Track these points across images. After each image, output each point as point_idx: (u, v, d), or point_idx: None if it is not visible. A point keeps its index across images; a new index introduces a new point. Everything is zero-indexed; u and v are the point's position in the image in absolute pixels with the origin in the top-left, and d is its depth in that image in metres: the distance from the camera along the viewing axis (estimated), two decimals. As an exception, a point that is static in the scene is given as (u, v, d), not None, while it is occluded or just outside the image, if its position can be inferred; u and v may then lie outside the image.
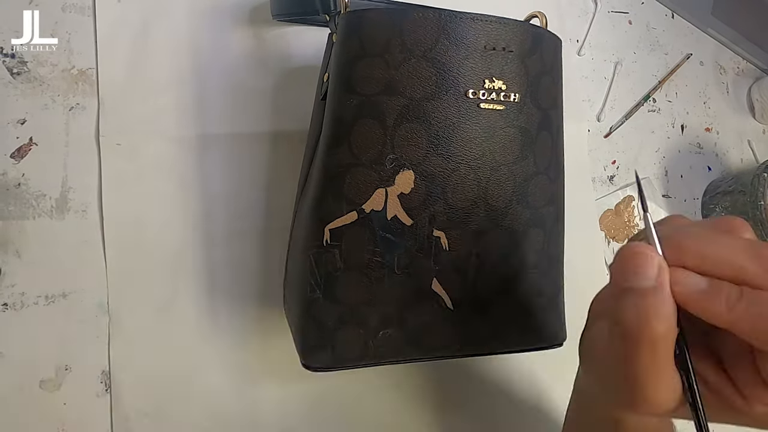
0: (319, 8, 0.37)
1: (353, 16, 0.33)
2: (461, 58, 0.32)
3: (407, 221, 0.33)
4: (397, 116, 0.32)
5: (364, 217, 0.32)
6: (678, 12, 0.68)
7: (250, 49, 0.45)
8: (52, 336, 0.38)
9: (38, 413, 0.37)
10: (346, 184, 0.32)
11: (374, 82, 0.32)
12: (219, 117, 0.43)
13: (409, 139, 0.32)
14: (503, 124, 0.33)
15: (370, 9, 0.33)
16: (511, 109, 0.33)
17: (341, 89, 0.33)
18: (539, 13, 0.38)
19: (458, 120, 0.32)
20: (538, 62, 0.34)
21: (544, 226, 0.37)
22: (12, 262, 0.37)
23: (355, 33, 0.32)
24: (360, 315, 0.33)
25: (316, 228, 0.33)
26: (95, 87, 0.41)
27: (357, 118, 0.32)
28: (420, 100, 0.31)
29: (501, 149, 0.33)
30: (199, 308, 0.41)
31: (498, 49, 0.32)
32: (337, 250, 0.33)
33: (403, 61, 0.31)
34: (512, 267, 0.35)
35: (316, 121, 0.37)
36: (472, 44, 0.32)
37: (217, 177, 0.43)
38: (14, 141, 0.39)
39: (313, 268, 0.33)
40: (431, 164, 0.32)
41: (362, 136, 0.32)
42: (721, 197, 0.63)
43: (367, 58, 0.32)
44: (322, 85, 0.37)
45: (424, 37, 0.31)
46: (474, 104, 0.32)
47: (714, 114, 0.69)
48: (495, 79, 0.32)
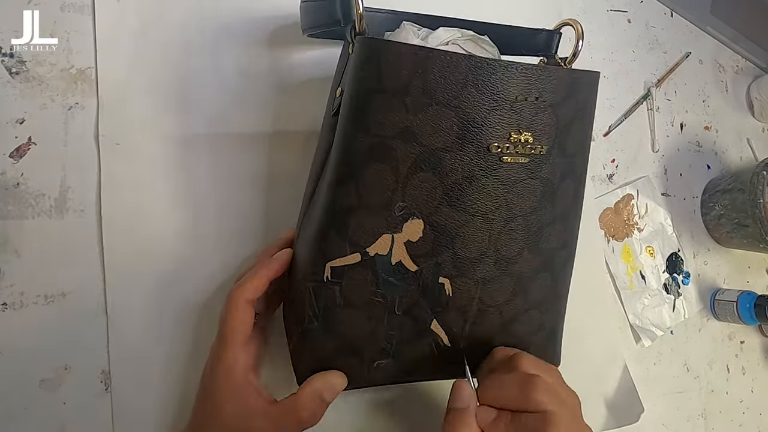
0: (340, 18, 0.33)
1: (373, 44, 0.29)
2: (488, 109, 0.28)
3: (412, 267, 0.31)
4: (412, 164, 0.29)
5: (367, 260, 0.31)
6: (677, 10, 0.68)
7: (250, 48, 0.45)
8: (52, 336, 0.38)
9: (38, 413, 0.36)
10: (351, 226, 0.30)
11: (390, 125, 0.29)
12: (219, 117, 0.43)
13: (422, 189, 0.29)
14: (525, 177, 0.30)
15: (392, 42, 0.30)
16: (536, 161, 0.30)
17: (353, 124, 0.30)
18: (573, 21, 0.34)
19: (477, 174, 0.29)
20: (572, 109, 0.31)
21: (553, 269, 0.35)
22: (11, 261, 0.37)
23: (374, 63, 0.29)
24: (356, 348, 0.33)
25: (317, 261, 0.32)
26: (94, 87, 0.41)
27: (368, 159, 0.29)
28: (438, 150, 0.29)
29: (519, 201, 0.31)
30: (199, 308, 0.41)
31: (530, 100, 0.29)
32: (337, 287, 0.32)
33: (424, 106, 0.28)
34: (515, 308, 0.34)
35: (325, 138, 0.34)
36: (501, 95, 0.28)
37: (217, 177, 0.43)
38: (13, 141, 0.39)
39: (312, 300, 0.32)
40: (443, 215, 0.30)
41: (372, 180, 0.30)
42: (720, 195, 0.63)
43: (385, 95, 0.29)
44: (334, 101, 0.34)
45: (450, 83, 0.28)
46: (496, 158, 0.29)
47: (713, 112, 0.69)
48: (522, 132, 0.29)
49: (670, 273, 0.61)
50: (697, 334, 0.62)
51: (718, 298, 0.63)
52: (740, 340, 0.65)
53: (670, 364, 0.59)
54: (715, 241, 0.66)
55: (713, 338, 0.63)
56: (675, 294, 0.61)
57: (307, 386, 0.33)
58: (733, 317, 0.61)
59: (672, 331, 0.60)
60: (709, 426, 0.60)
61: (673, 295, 0.60)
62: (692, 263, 0.63)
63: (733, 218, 0.61)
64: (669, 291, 0.60)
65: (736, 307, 0.60)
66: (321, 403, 0.33)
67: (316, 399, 0.32)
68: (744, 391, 0.64)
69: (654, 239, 0.61)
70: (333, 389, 0.33)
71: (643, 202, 0.61)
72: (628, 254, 0.58)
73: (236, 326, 0.33)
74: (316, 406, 0.32)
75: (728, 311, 0.61)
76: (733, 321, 0.62)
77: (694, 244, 0.64)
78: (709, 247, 0.65)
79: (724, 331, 0.64)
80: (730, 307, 0.61)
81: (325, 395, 0.33)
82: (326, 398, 0.33)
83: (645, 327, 0.57)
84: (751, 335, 0.65)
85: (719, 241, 0.65)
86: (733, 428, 0.62)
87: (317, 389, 0.33)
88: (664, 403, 0.57)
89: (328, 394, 0.33)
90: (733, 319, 0.61)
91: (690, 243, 0.64)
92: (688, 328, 0.61)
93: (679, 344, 0.60)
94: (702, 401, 0.60)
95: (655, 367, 0.57)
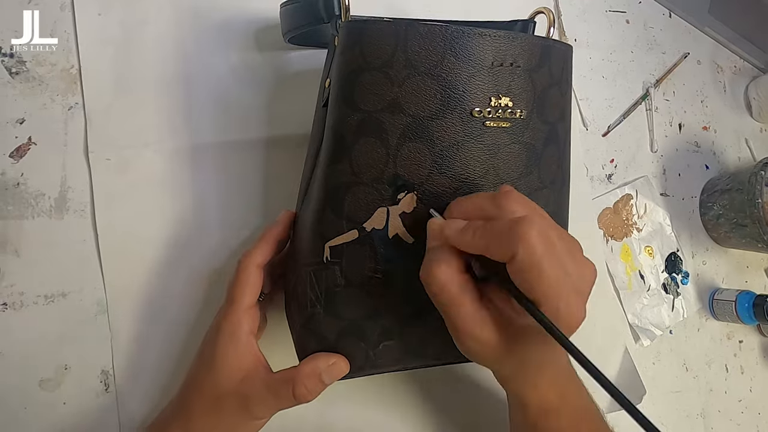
0: (324, 16, 0.35)
1: (355, 26, 0.31)
2: (468, 75, 0.30)
3: (409, 239, 0.32)
4: (400, 135, 0.30)
5: (365, 236, 0.32)
6: (675, 11, 0.68)
7: (239, 55, 0.45)
8: (52, 335, 0.38)
9: (38, 413, 0.36)
10: (346, 202, 0.31)
11: (376, 99, 0.30)
12: (209, 125, 0.43)
13: (412, 159, 0.31)
14: (508, 141, 0.32)
15: (372, 20, 0.32)
16: (517, 125, 0.32)
17: (342, 103, 0.32)
18: (545, 9, 0.37)
19: (463, 139, 0.31)
20: (546, 75, 0.33)
21: None
22: (11, 261, 0.37)
23: (356, 43, 0.31)
24: (360, 329, 0.33)
25: (316, 243, 0.33)
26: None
27: (358, 135, 0.31)
28: (424, 119, 0.30)
29: (505, 166, 0.32)
30: (199, 308, 0.41)
31: (505, 65, 0.31)
32: (337, 267, 0.32)
33: (406, 77, 0.30)
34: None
35: (317, 129, 0.36)
36: (479, 61, 0.30)
37: (209, 185, 0.42)
38: (13, 141, 0.39)
39: (313, 284, 0.33)
40: (434, 184, 0.31)
41: (364, 155, 0.31)
42: (719, 195, 0.63)
43: (369, 71, 0.31)
44: (324, 91, 0.35)
45: (430, 54, 0.30)
46: (479, 123, 0.31)
47: (711, 113, 0.69)
48: (501, 97, 0.31)
49: (669, 273, 0.61)
50: (695, 333, 0.62)
51: (716, 297, 0.63)
52: (739, 340, 0.65)
53: (669, 363, 0.59)
54: (714, 240, 0.66)
55: (712, 338, 0.63)
56: (674, 294, 0.61)
57: (309, 362, 0.33)
58: (731, 317, 0.61)
59: (671, 330, 0.60)
60: (708, 425, 0.60)
61: (672, 294, 0.61)
62: (691, 263, 0.63)
63: (731, 218, 0.61)
64: (668, 291, 0.60)
65: (734, 306, 0.60)
66: (318, 383, 0.33)
67: (314, 378, 0.32)
68: (743, 391, 0.64)
69: (653, 239, 0.61)
70: (333, 372, 0.33)
71: (642, 202, 0.61)
72: (627, 254, 0.59)
73: (245, 289, 0.34)
74: (313, 384, 0.32)
75: (727, 311, 0.61)
76: (731, 320, 0.62)
77: (692, 244, 0.64)
78: (708, 247, 0.65)
79: (722, 330, 0.64)
80: (729, 306, 0.61)
81: (324, 377, 0.33)
82: (325, 380, 0.33)
83: (644, 326, 0.57)
84: (749, 335, 0.66)
85: (718, 241, 0.65)
86: (731, 427, 0.62)
87: (317, 368, 0.32)
88: (662, 403, 0.57)
89: (328, 376, 0.33)
90: (732, 319, 0.61)
91: (689, 243, 0.64)
92: (687, 327, 0.61)
93: (678, 344, 0.60)
94: (701, 401, 0.60)
95: (654, 366, 0.58)
